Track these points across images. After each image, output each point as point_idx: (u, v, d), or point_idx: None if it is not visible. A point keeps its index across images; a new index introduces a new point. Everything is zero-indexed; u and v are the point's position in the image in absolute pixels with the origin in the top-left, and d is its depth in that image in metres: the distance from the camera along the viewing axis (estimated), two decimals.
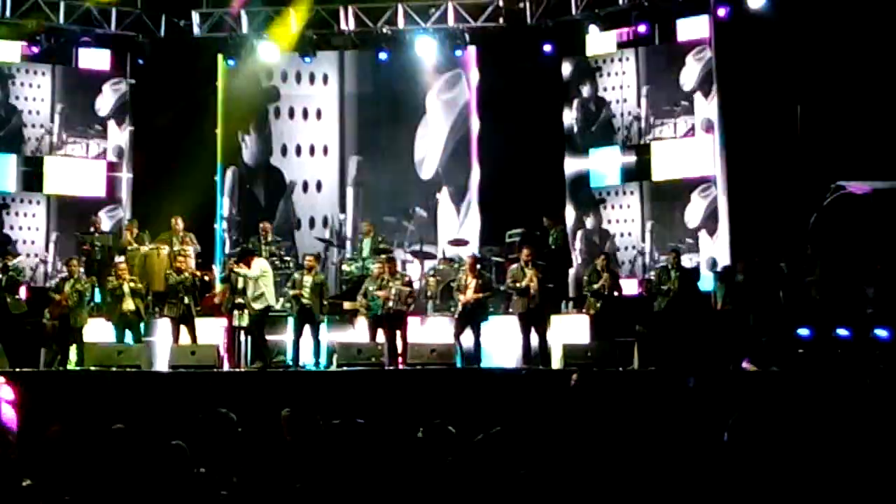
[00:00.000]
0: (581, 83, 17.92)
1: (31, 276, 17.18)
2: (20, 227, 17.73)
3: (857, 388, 9.67)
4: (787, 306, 13.11)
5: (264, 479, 6.26)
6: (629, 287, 15.76)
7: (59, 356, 13.50)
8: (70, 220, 17.86)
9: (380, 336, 13.39)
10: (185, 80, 17.91)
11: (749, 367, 12.43)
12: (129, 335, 13.60)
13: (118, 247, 15.71)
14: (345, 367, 12.70)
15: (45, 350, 13.94)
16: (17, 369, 12.37)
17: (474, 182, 18.46)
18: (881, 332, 11.92)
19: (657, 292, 14.08)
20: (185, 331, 13.59)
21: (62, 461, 6.52)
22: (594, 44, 17.66)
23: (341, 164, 18.99)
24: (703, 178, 16.72)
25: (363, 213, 18.31)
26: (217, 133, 18.64)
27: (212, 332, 14.07)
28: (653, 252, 17.03)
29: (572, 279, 16.90)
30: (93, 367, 12.57)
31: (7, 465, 6.27)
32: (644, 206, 17.29)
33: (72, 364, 13.38)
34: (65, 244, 17.57)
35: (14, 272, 14.28)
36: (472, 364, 12.99)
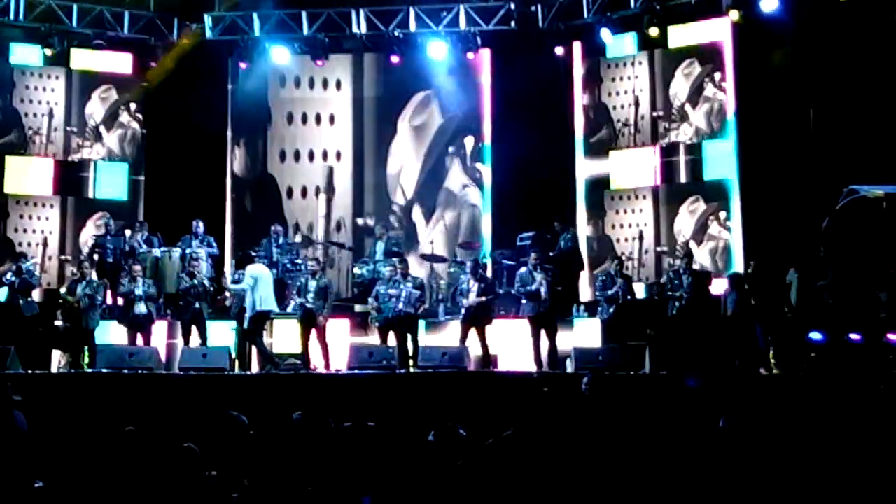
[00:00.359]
0: (596, 85, 17.91)
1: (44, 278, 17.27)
2: (42, 231, 17.84)
3: (870, 392, 9.63)
4: (799, 310, 13.07)
5: (275, 482, 6.26)
6: (641, 291, 15.74)
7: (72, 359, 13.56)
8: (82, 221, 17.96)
9: (391, 339, 13.39)
10: (197, 83, 17.95)
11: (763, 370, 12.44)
12: (140, 338, 13.63)
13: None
14: (356, 371, 12.71)
15: (61, 353, 14.03)
16: (30, 371, 12.41)
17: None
18: (894, 337, 11.86)
19: (669, 297, 14.05)
20: (196, 334, 13.67)
21: (75, 463, 6.54)
22: (614, 46, 17.62)
23: (354, 167, 19.02)
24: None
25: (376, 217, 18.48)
26: (227, 136, 18.74)
27: (223, 334, 14.12)
28: (662, 255, 17.04)
29: (584, 282, 16.87)
30: (104, 370, 12.60)
31: (20, 468, 6.29)
32: (660, 209, 17.28)
33: (84, 366, 13.42)
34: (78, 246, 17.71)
35: (27, 275, 14.35)
36: (484, 368, 12.98)
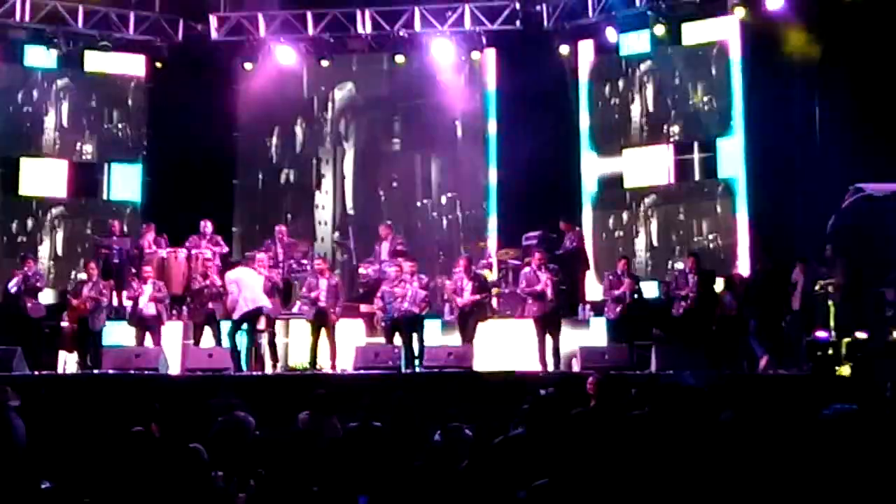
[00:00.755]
0: (605, 84, 17.90)
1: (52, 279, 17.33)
2: (53, 230, 17.92)
3: (877, 392, 9.60)
4: (805, 309, 13.06)
5: (281, 482, 6.28)
6: (651, 290, 15.73)
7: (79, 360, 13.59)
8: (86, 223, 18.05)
9: (397, 339, 13.38)
10: (202, 84, 17.97)
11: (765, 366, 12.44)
12: (147, 338, 13.65)
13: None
14: (362, 371, 12.71)
15: (68, 354, 14.06)
16: (36, 372, 12.43)
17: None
18: None
19: (674, 297, 14.04)
20: (209, 334, 13.71)
21: (82, 464, 6.56)
22: (627, 44, 17.61)
23: (357, 167, 19.01)
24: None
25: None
26: (236, 136, 18.76)
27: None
28: (668, 256, 17.02)
29: (590, 282, 16.84)
30: (111, 371, 12.62)
31: (26, 469, 6.31)
32: (671, 207, 17.30)
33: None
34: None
35: (34, 277, 14.38)
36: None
